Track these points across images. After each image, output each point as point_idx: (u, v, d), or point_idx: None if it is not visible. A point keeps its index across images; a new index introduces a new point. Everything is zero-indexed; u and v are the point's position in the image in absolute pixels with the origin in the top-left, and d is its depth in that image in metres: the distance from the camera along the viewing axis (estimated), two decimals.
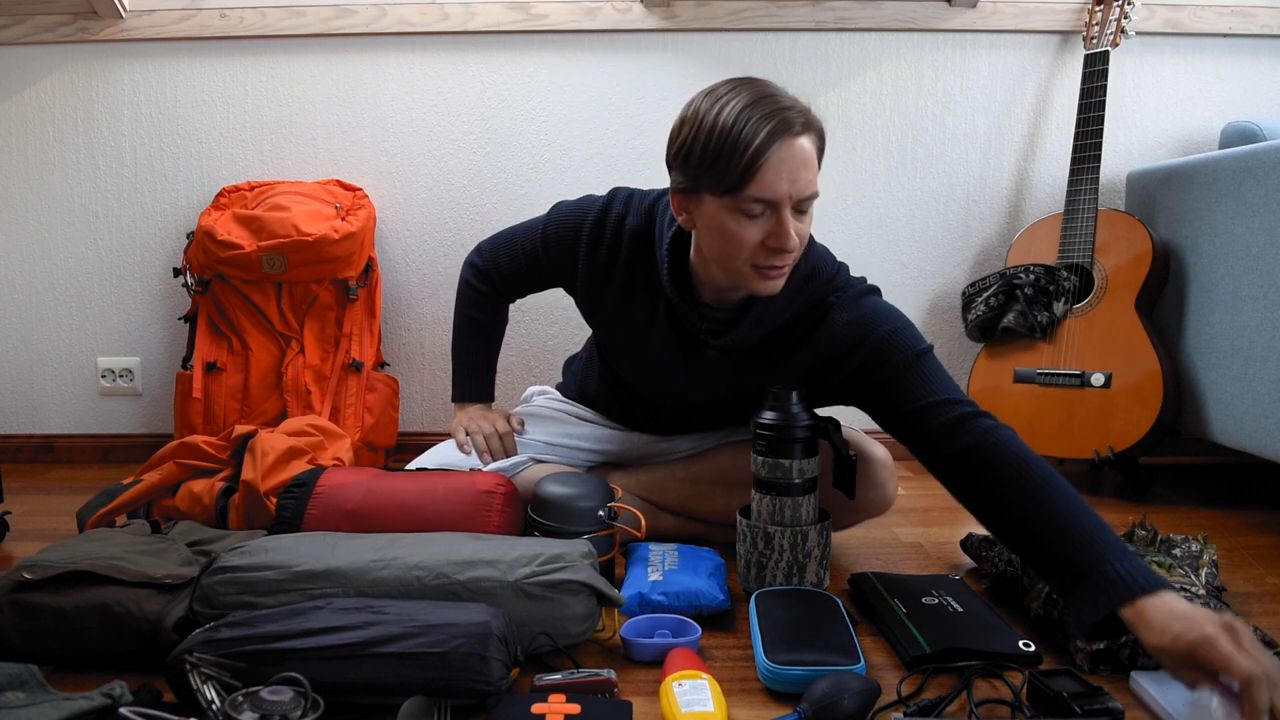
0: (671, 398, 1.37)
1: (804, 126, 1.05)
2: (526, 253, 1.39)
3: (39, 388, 2.15)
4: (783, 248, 1.07)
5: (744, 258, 1.10)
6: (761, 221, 1.07)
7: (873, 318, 1.18)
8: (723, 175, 1.04)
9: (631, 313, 1.30)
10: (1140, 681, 0.92)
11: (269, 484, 1.34)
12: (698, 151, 1.06)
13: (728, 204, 1.07)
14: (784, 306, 1.20)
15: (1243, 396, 1.59)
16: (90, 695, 0.81)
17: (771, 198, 1.05)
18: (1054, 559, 0.97)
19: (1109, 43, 1.88)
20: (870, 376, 1.18)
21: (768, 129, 1.02)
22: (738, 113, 1.04)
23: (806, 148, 1.06)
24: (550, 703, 0.85)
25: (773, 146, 1.03)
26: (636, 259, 1.26)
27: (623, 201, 1.29)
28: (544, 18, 2.03)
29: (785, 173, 1.04)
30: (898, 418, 1.15)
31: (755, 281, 1.12)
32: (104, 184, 2.10)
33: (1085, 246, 1.83)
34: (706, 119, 1.06)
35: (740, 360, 1.25)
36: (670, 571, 1.17)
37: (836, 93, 2.07)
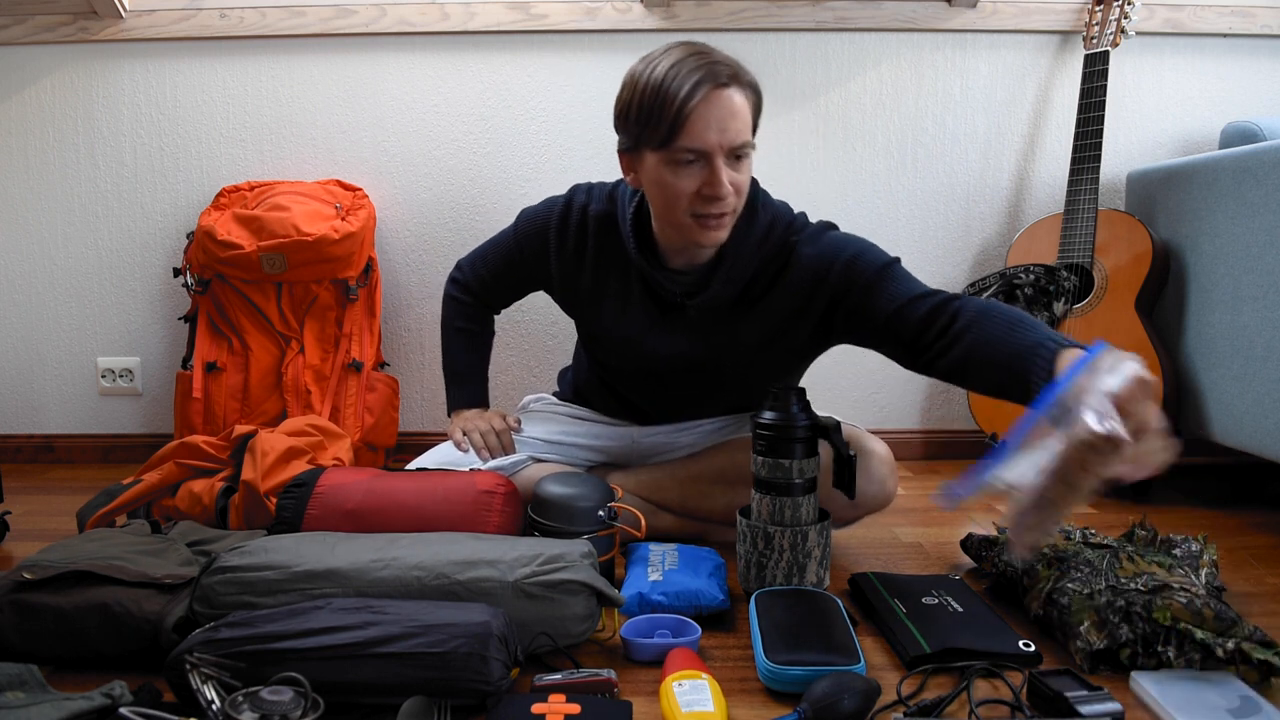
0: (660, 371, 1.39)
1: (731, 79, 1.12)
2: (503, 258, 1.46)
3: (39, 388, 2.15)
4: (716, 195, 1.14)
5: (683, 208, 1.16)
6: (695, 171, 1.14)
7: (835, 248, 1.24)
8: (656, 129, 1.12)
9: (608, 294, 1.35)
10: (1140, 681, 0.92)
11: (269, 484, 1.34)
12: (634, 109, 1.15)
13: (664, 157, 1.14)
14: (751, 258, 1.26)
15: (1243, 396, 1.59)
16: (90, 695, 0.81)
17: (701, 147, 1.12)
18: (1012, 365, 1.01)
19: (1109, 43, 1.88)
20: (843, 303, 1.23)
21: (693, 81, 1.10)
22: (667, 68, 1.12)
23: (735, 99, 1.13)
24: (550, 703, 0.85)
25: (698, 97, 1.10)
26: (604, 241, 1.33)
27: (584, 192, 1.37)
28: (544, 18, 2.03)
29: (714, 122, 1.11)
30: (877, 331, 1.20)
31: (698, 233, 1.18)
32: (104, 184, 2.10)
33: (1085, 246, 1.83)
34: (641, 78, 1.14)
35: (720, 317, 1.30)
36: (670, 571, 1.17)
37: (836, 93, 2.07)
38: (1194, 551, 1.14)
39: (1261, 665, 0.92)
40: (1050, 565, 1.11)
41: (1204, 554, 1.13)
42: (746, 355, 1.32)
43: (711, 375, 1.37)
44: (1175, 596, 0.96)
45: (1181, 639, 0.95)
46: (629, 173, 1.23)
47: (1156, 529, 1.20)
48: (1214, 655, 0.93)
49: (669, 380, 1.40)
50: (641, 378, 1.42)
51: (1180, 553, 1.14)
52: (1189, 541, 1.16)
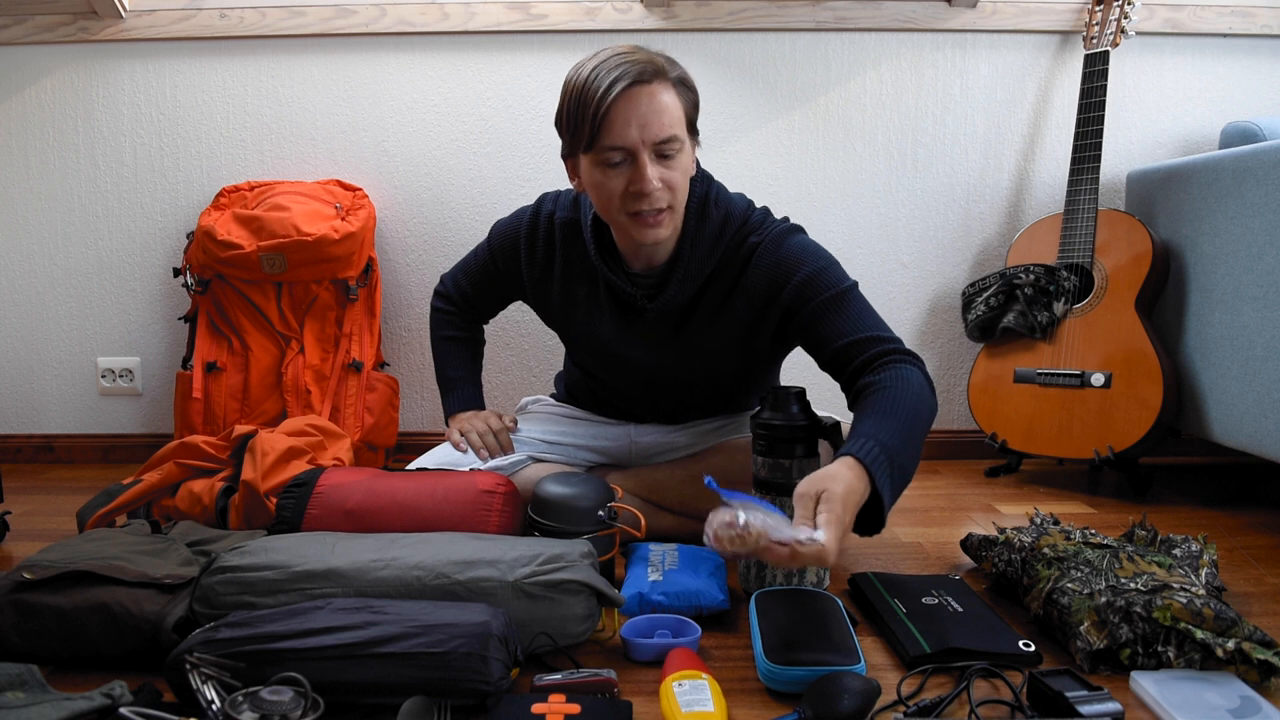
0: (636, 377, 1.40)
1: (654, 75, 1.12)
2: (481, 269, 1.48)
3: (39, 388, 2.15)
4: (641, 191, 1.14)
5: (616, 207, 1.17)
6: (624, 170, 1.14)
7: (795, 259, 1.23)
8: (581, 131, 1.13)
9: (577, 300, 1.36)
10: (1140, 681, 0.92)
11: (269, 484, 1.34)
12: (565, 115, 1.16)
13: (593, 159, 1.15)
14: (705, 257, 1.26)
15: (1243, 396, 1.59)
16: (90, 695, 0.81)
17: (622, 144, 1.12)
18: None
19: (1109, 43, 1.88)
20: (795, 318, 1.22)
21: (611, 79, 1.10)
22: (589, 71, 1.13)
23: (659, 94, 1.12)
24: (550, 703, 0.85)
25: (613, 95, 1.10)
26: (570, 247, 1.34)
27: (550, 200, 1.38)
28: (544, 18, 2.03)
29: (633, 119, 1.11)
30: (825, 359, 1.21)
31: (637, 230, 1.18)
32: (104, 184, 2.10)
33: (1085, 246, 1.83)
34: (569, 84, 1.15)
35: (680, 321, 1.30)
36: (670, 571, 1.17)
37: (836, 93, 2.07)
38: (1194, 551, 1.14)
39: (1261, 665, 0.92)
40: (1050, 565, 1.11)
41: (1204, 554, 1.13)
42: (708, 360, 1.33)
43: (682, 378, 1.38)
44: (1175, 596, 0.96)
45: (1181, 639, 0.95)
46: (573, 178, 1.24)
47: (1156, 529, 1.20)
48: (1214, 655, 0.93)
49: (645, 383, 1.41)
50: (620, 381, 1.44)
51: (1180, 553, 1.14)
52: (1189, 541, 1.16)
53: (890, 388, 1.09)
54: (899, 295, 2.11)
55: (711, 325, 1.29)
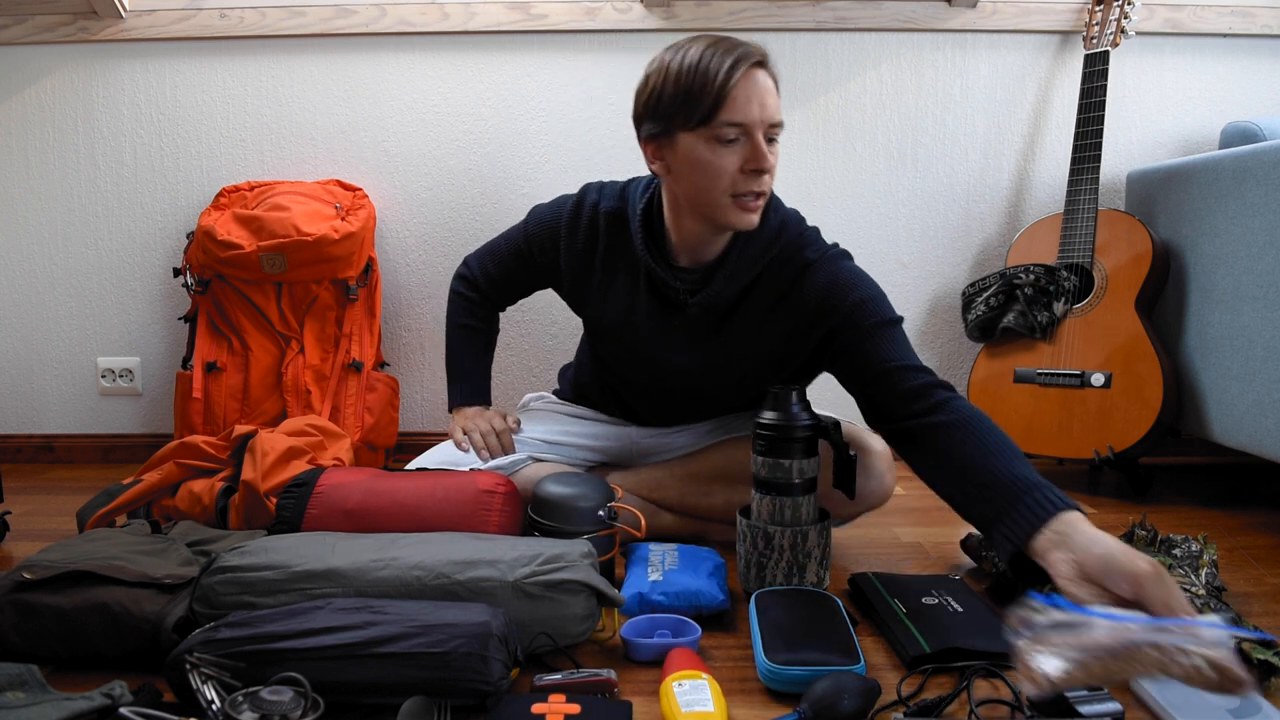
0: (662, 375, 1.39)
1: (763, 60, 1.15)
2: (513, 255, 1.46)
3: (39, 388, 2.15)
4: (761, 167, 1.15)
5: (723, 187, 1.16)
6: (737, 147, 1.15)
7: (849, 283, 1.23)
8: (695, 107, 1.13)
9: (615, 291, 1.35)
10: (1140, 681, 0.92)
11: (269, 484, 1.34)
12: (669, 92, 1.15)
13: (703, 134, 1.15)
14: (756, 259, 1.25)
15: (1243, 396, 1.59)
16: (90, 695, 0.81)
17: (744, 120, 1.13)
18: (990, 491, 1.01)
19: (1109, 43, 1.88)
20: (838, 339, 1.22)
21: (732, 59, 1.12)
22: (700, 52, 1.14)
23: (768, 79, 1.15)
24: (550, 703, 0.85)
25: (738, 73, 1.12)
26: (613, 239, 1.33)
27: (595, 190, 1.37)
28: (544, 18, 2.03)
29: (755, 97, 1.13)
30: (861, 379, 1.20)
31: (734, 214, 1.18)
32: (104, 184, 2.10)
33: (1085, 246, 1.83)
34: (673, 64, 1.15)
35: (721, 320, 1.29)
36: (670, 571, 1.17)
37: (836, 93, 2.07)
38: (1194, 551, 1.14)
39: (1261, 665, 0.92)
40: None
41: (1204, 554, 1.13)
42: (742, 361, 1.32)
43: (711, 380, 1.37)
44: None
45: None
46: (655, 160, 1.22)
47: (1156, 529, 1.20)
48: None
49: (670, 382, 1.40)
50: (644, 379, 1.42)
51: (1180, 553, 1.14)
52: (1189, 541, 1.16)
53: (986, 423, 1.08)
54: (899, 295, 2.11)
55: (751, 330, 1.28)
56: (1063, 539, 0.91)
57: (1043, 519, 0.94)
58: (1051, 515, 0.94)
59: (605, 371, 1.48)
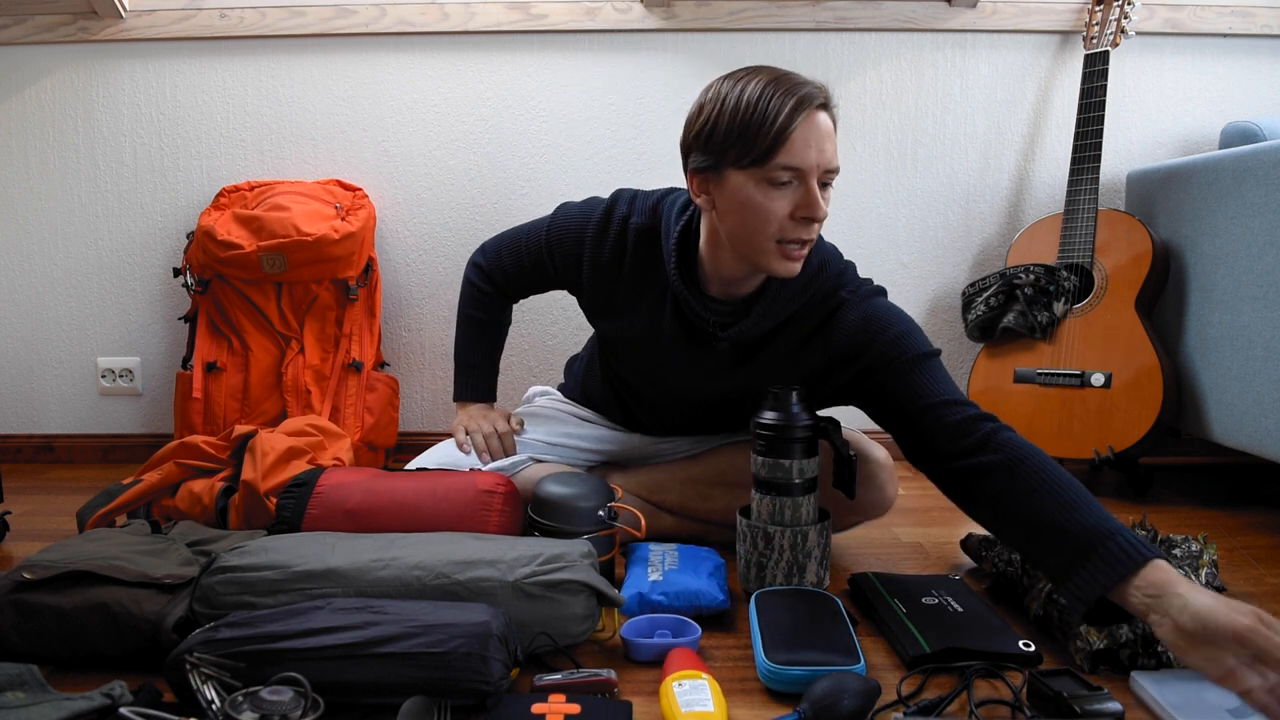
0: (677, 396, 1.37)
1: (825, 102, 1.10)
2: (531, 254, 1.40)
3: (39, 388, 2.15)
4: (813, 216, 1.09)
5: (771, 231, 1.11)
6: (789, 192, 1.09)
7: (883, 320, 1.19)
8: (750, 146, 1.07)
9: (639, 310, 1.30)
10: (1140, 681, 0.92)
11: (269, 484, 1.34)
12: (723, 127, 1.09)
13: (755, 175, 1.09)
14: (792, 298, 1.21)
15: (1243, 396, 1.59)
16: (90, 695, 0.81)
17: (800, 165, 1.07)
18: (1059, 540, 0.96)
19: (1109, 43, 1.88)
20: (874, 377, 1.18)
21: (794, 100, 1.06)
22: (762, 88, 1.08)
23: (829, 122, 1.10)
24: (550, 703, 0.85)
25: (800, 116, 1.06)
26: (642, 257, 1.27)
27: (626, 202, 1.30)
28: (544, 18, 2.03)
29: (813, 141, 1.07)
30: (900, 417, 1.15)
31: (777, 260, 1.13)
32: (104, 184, 2.10)
33: (1085, 246, 1.83)
34: (730, 97, 1.09)
35: (747, 355, 1.26)
36: (670, 571, 1.17)
37: (836, 93, 2.05)
38: (1194, 551, 1.14)
39: None
40: None
41: (1204, 554, 1.13)
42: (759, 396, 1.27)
43: (728, 406, 1.35)
44: None
45: None
46: (701, 194, 1.15)
47: (1156, 529, 1.20)
48: None
49: (684, 405, 1.38)
50: (656, 397, 1.40)
51: (1180, 553, 1.14)
52: (1189, 541, 1.16)
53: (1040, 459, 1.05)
54: (899, 295, 2.11)
55: (777, 365, 1.25)
56: (1156, 601, 0.87)
57: (1123, 574, 0.90)
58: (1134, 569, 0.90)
59: (615, 380, 1.46)
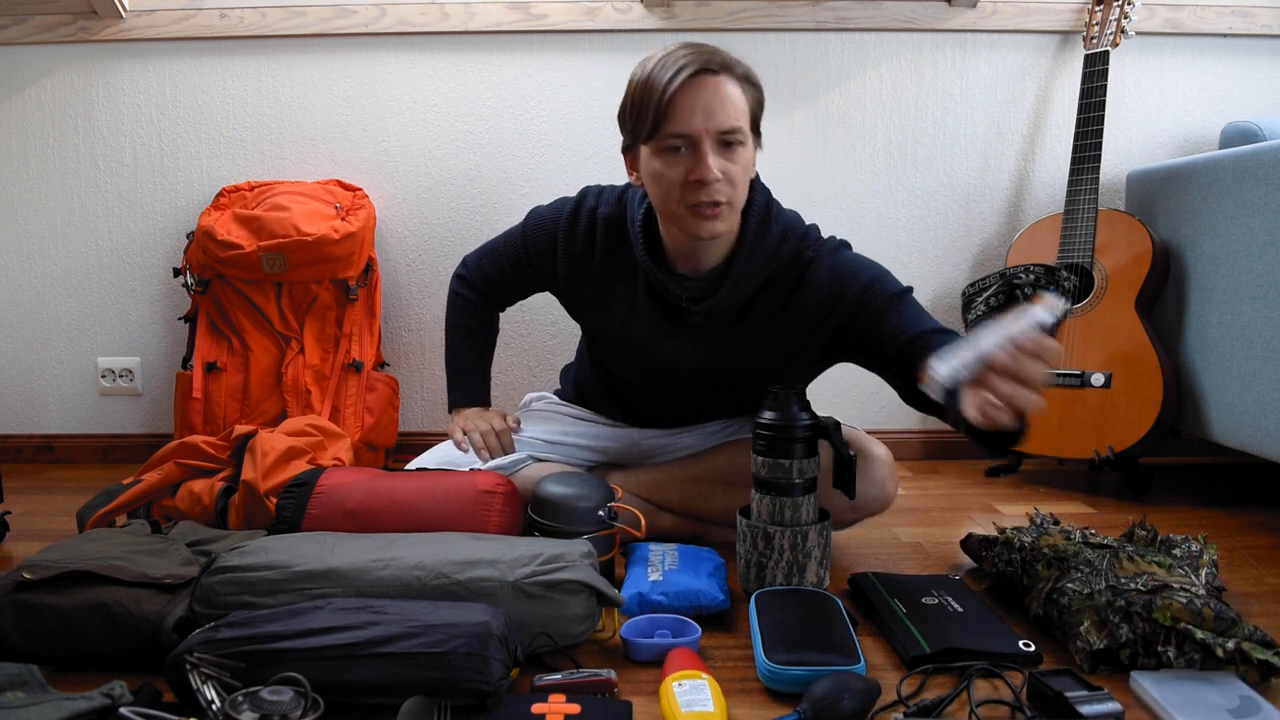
0: (664, 379, 1.38)
1: (720, 67, 1.13)
2: (509, 257, 1.45)
3: (39, 388, 2.15)
4: (701, 179, 1.13)
5: (675, 198, 1.16)
6: (685, 159, 1.14)
7: (852, 270, 1.23)
8: (645, 119, 1.13)
9: (614, 297, 1.34)
10: (1140, 681, 0.92)
11: (269, 484, 1.34)
12: (629, 106, 1.17)
13: (654, 147, 1.15)
14: (760, 269, 1.25)
15: (1243, 396, 1.59)
16: (90, 695, 0.81)
17: (685, 130, 1.12)
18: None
19: (1109, 43, 1.88)
20: (854, 327, 1.22)
21: (676, 68, 1.11)
22: (656, 62, 1.14)
23: (724, 86, 1.13)
24: (550, 703, 0.85)
25: (680, 82, 1.11)
26: (612, 244, 1.32)
27: (594, 195, 1.36)
28: (544, 18, 2.03)
29: (699, 108, 1.11)
30: (885, 360, 1.20)
31: (693, 223, 1.17)
32: (104, 184, 2.10)
33: (1085, 246, 1.83)
34: (635, 77, 1.17)
35: (725, 327, 1.29)
36: (670, 571, 1.17)
37: (836, 93, 2.07)
38: (1194, 551, 1.14)
39: (1261, 665, 0.92)
40: (1050, 565, 1.11)
41: (1204, 554, 1.13)
42: (750, 367, 1.32)
43: (714, 384, 1.37)
44: (1175, 596, 0.96)
45: (1181, 639, 0.95)
46: (631, 171, 1.24)
47: (1156, 529, 1.20)
48: (1214, 655, 0.93)
49: (672, 387, 1.39)
50: (644, 383, 1.42)
51: (1180, 553, 1.14)
52: (1189, 541, 1.16)
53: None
54: None
55: (758, 335, 1.28)
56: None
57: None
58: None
59: (605, 375, 1.48)
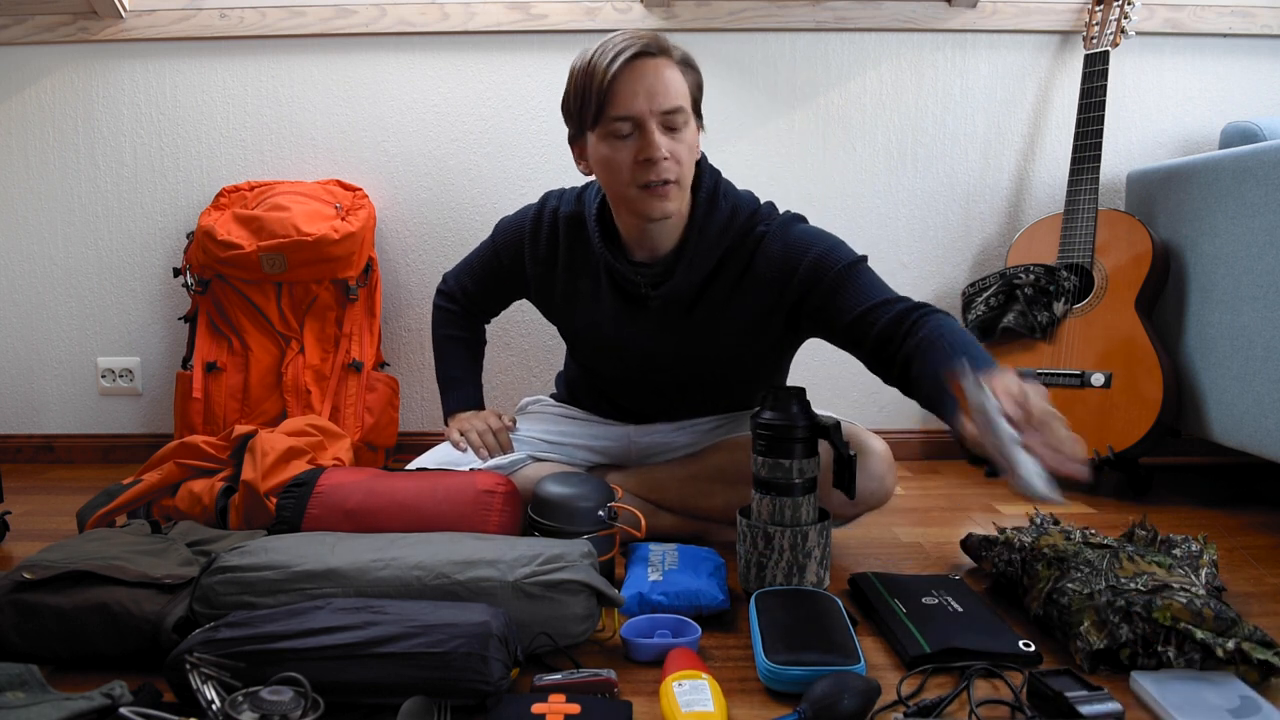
0: (638, 371, 1.40)
1: (658, 50, 1.16)
2: (485, 265, 1.49)
3: (39, 388, 2.15)
4: (650, 157, 1.15)
5: (626, 179, 1.18)
6: (631, 141, 1.17)
7: (804, 243, 1.24)
8: (589, 106, 1.16)
9: (580, 294, 1.37)
10: (1140, 681, 0.92)
11: (269, 484, 1.34)
12: (572, 94, 1.19)
13: (600, 134, 1.17)
14: (712, 248, 1.27)
15: (1243, 396, 1.59)
16: (90, 695, 0.81)
17: (629, 113, 1.14)
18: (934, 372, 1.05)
19: (1109, 43, 1.88)
20: (809, 300, 1.23)
21: (615, 52, 1.14)
22: (594, 51, 1.17)
23: (663, 68, 1.16)
24: (550, 703, 0.85)
25: (620, 65, 1.13)
26: (573, 240, 1.35)
27: (555, 196, 1.40)
28: (544, 18, 2.03)
29: (640, 89, 1.14)
30: (841, 330, 1.21)
31: (645, 203, 1.19)
32: (104, 184, 2.10)
33: (1085, 246, 1.83)
34: (575, 66, 1.19)
35: (685, 310, 1.30)
36: (670, 571, 1.17)
37: (836, 93, 2.07)
38: (1194, 551, 1.14)
39: (1261, 665, 0.92)
40: (1050, 565, 1.11)
41: (1204, 554, 1.13)
42: (716, 350, 1.33)
43: (686, 371, 1.38)
44: (1175, 596, 0.96)
45: (1181, 639, 0.95)
46: (580, 162, 1.26)
47: (1156, 529, 1.20)
48: (1214, 655, 0.93)
49: (648, 379, 1.41)
50: (621, 376, 1.44)
51: (1180, 553, 1.14)
52: (1189, 541, 1.16)
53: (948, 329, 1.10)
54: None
55: (718, 315, 1.30)
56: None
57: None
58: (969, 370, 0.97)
59: (587, 373, 1.50)
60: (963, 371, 0.96)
